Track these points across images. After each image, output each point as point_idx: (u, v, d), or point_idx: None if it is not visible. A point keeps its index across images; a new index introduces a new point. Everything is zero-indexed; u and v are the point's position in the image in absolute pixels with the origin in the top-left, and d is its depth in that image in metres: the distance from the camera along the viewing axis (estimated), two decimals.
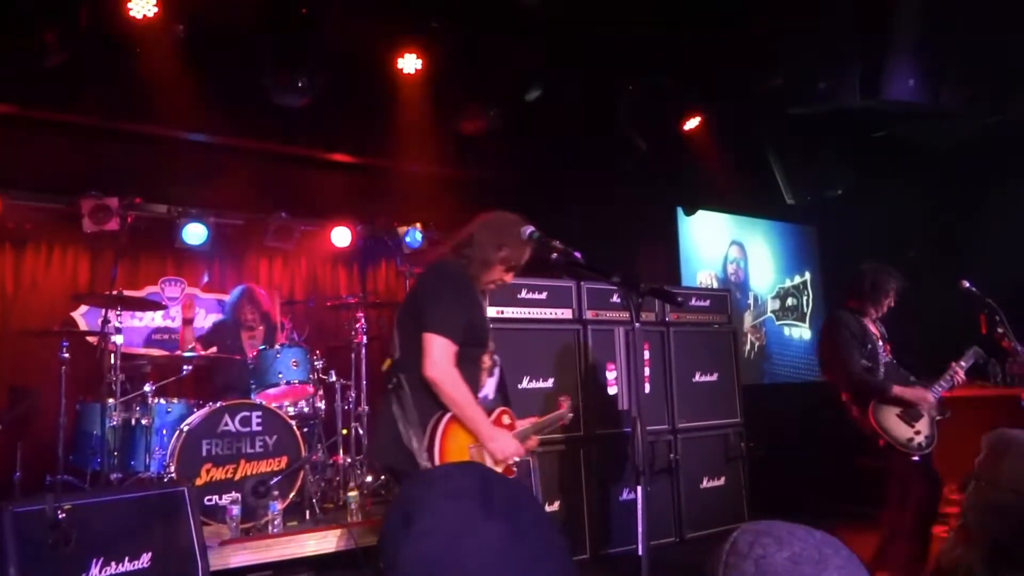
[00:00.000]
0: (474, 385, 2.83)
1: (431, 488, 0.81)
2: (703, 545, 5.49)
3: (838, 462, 6.92)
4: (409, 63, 5.88)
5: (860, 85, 5.03)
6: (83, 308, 6.01)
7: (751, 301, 8.24)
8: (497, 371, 3.02)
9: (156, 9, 4.88)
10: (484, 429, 2.74)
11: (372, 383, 5.60)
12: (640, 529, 2.21)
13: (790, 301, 8.59)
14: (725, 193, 7.60)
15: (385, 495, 5.10)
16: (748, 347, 8.01)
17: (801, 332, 8.64)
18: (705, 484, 5.95)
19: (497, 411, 2.95)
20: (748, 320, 8.14)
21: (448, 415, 2.71)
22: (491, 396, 3.00)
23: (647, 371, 4.91)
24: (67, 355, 4.59)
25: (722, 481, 6.04)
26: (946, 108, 5.46)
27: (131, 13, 4.84)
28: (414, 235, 7.08)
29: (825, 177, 6.97)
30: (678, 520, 5.72)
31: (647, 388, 2.56)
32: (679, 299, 2.44)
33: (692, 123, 6.88)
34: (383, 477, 4.99)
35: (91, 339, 5.35)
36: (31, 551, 3.00)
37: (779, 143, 6.95)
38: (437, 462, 2.61)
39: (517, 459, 2.86)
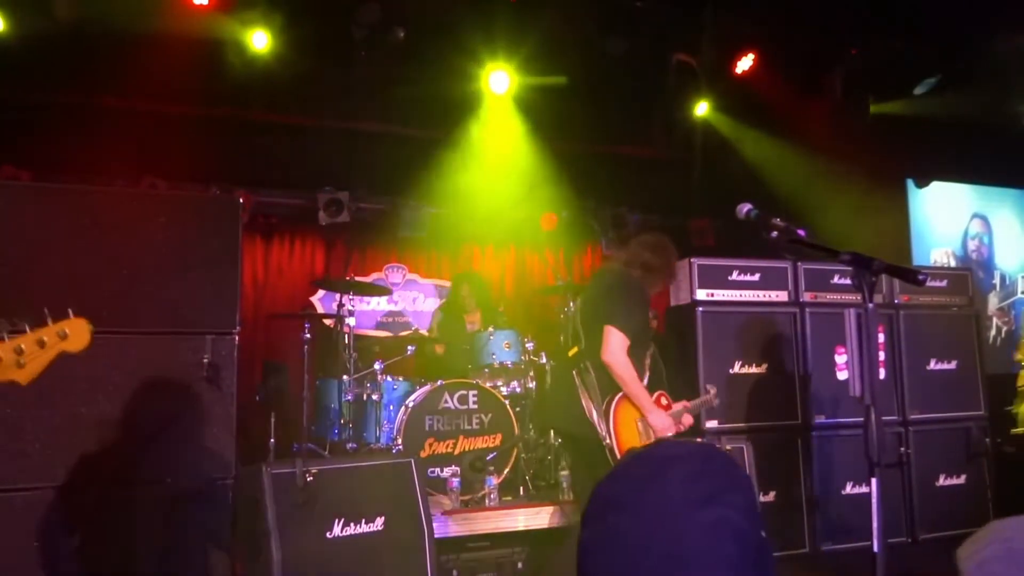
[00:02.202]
0: (639, 373, 3.48)
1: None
2: (939, 547, 5.02)
3: None
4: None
5: None
6: (320, 293, 6.62)
7: (997, 281, 7.38)
8: (648, 373, 3.63)
9: None
10: (647, 404, 3.44)
11: None
12: (875, 524, 2.07)
13: None
14: (966, 161, 6.83)
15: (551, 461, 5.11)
16: (993, 332, 7.19)
17: None
18: (942, 482, 5.43)
19: (656, 393, 3.60)
20: (993, 302, 7.30)
21: (621, 394, 3.40)
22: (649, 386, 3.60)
23: (881, 355, 4.57)
24: (308, 336, 5.07)
25: (962, 479, 5.49)
26: None
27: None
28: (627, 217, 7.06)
29: None
30: (910, 519, 5.27)
31: (882, 374, 2.46)
32: (920, 276, 2.23)
33: (923, 87, 6.25)
34: (543, 440, 5.13)
35: (328, 321, 5.89)
36: (285, 507, 3.36)
37: None
38: (612, 430, 3.32)
39: (671, 434, 3.50)
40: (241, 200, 3.99)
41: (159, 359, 3.41)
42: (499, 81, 6.19)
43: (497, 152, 6.66)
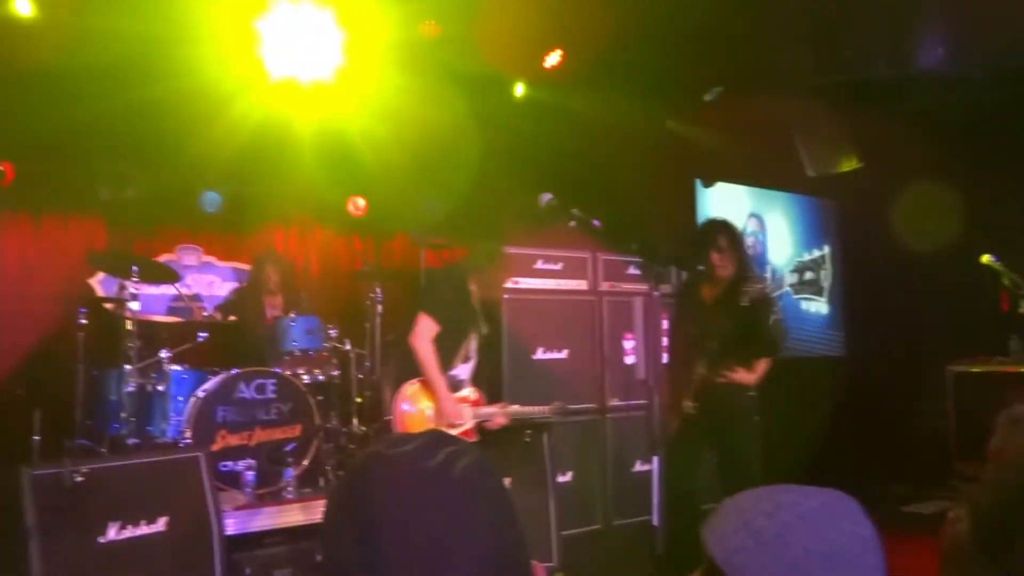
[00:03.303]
0: (445, 363, 3.61)
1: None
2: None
3: (853, 437, 6.90)
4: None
5: (888, 54, 4.91)
6: (100, 275, 6.02)
7: (769, 274, 8.16)
8: (472, 363, 3.80)
9: None
10: (441, 391, 3.57)
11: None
12: (655, 499, 2.19)
13: (808, 275, 8.47)
14: (745, 165, 7.49)
15: None
16: None
17: (818, 307, 8.55)
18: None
19: (467, 388, 3.74)
20: None
21: (418, 380, 3.58)
22: (461, 377, 3.75)
23: (665, 341, 4.90)
24: (84, 321, 4.60)
25: None
26: (973, 79, 5.34)
27: None
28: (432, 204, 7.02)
29: (846, 150, 6.85)
30: None
31: (665, 358, 2.70)
32: (700, 268, 2.40)
33: (711, 94, 6.76)
34: (346, 429, 5.18)
35: (107, 305, 5.38)
36: (50, 513, 3.03)
37: (802, 114, 6.83)
38: (397, 411, 3.54)
39: (460, 423, 3.63)
40: (1, 168, 3.53)
41: None
42: None
43: (307, 127, 6.39)
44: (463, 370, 3.75)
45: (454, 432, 3.56)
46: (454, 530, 0.77)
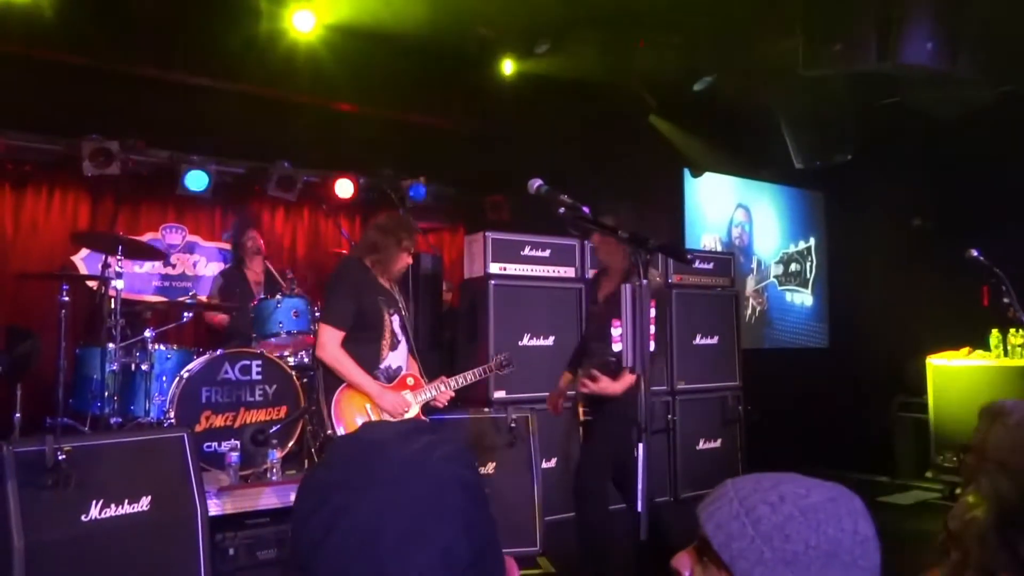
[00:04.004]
0: (372, 359, 3.49)
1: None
2: (697, 505, 5.53)
3: (835, 429, 6.98)
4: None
5: (877, 48, 4.92)
6: (83, 252, 5.97)
7: (754, 265, 8.21)
8: (403, 344, 3.63)
9: None
10: (373, 390, 3.44)
11: None
12: (640, 487, 2.21)
13: (793, 267, 8.56)
14: (732, 156, 7.51)
15: None
16: (749, 311, 8.01)
17: (803, 298, 8.62)
18: (701, 445, 5.99)
19: (401, 375, 3.62)
20: (751, 284, 8.11)
21: (343, 386, 3.44)
22: (395, 365, 3.61)
23: (652, 329, 4.91)
24: (67, 299, 4.56)
25: (718, 443, 6.09)
26: (962, 75, 5.36)
27: None
28: (418, 189, 7.01)
29: (834, 142, 6.88)
30: (673, 480, 5.77)
31: (652, 346, 2.56)
32: (689, 256, 2.41)
33: (701, 84, 6.77)
34: None
35: (91, 284, 5.33)
36: (31, 491, 3.01)
37: (789, 106, 6.85)
38: (335, 422, 3.40)
39: (406, 411, 3.52)
40: None
41: None
42: (304, 20, 5.72)
43: (293, 106, 6.32)
44: (395, 357, 3.60)
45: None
46: (427, 519, 0.76)
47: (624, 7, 5.64)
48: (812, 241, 8.78)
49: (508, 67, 6.48)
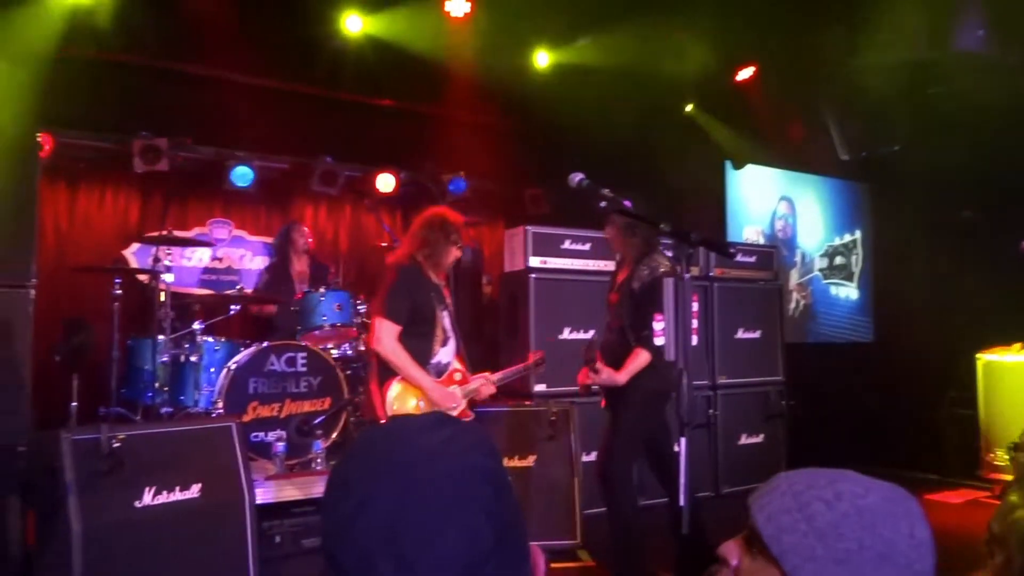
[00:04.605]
0: (425, 354, 3.57)
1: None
2: (739, 500, 5.49)
3: (880, 425, 6.86)
4: (457, 6, 5.78)
5: (926, 35, 4.81)
6: (134, 246, 6.13)
7: (798, 259, 8.09)
8: (452, 340, 3.71)
9: None
10: (425, 383, 3.52)
11: None
12: (683, 481, 2.21)
13: (838, 260, 8.42)
14: (776, 147, 7.41)
15: None
16: (793, 305, 7.90)
17: (848, 292, 8.47)
18: (743, 440, 5.94)
19: (450, 370, 3.70)
20: (794, 278, 8.00)
21: (399, 377, 3.51)
22: (445, 360, 3.68)
23: (695, 323, 4.88)
24: (119, 292, 4.69)
25: (760, 438, 6.03)
26: (1013, 62, 5.21)
27: None
28: (458, 183, 7.06)
29: (881, 132, 6.74)
30: (714, 475, 5.73)
31: (694, 340, 2.53)
32: (731, 250, 2.39)
33: (745, 74, 6.69)
34: None
35: (141, 277, 5.48)
36: (87, 477, 3.10)
37: (834, 96, 6.73)
38: (389, 414, 3.43)
39: (455, 405, 3.60)
40: (40, 139, 3.60)
41: None
42: (354, 24, 5.84)
43: (335, 102, 6.41)
44: (445, 353, 3.69)
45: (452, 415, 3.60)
46: (449, 508, 0.77)
47: None
48: (858, 234, 8.61)
49: (544, 59, 6.47)
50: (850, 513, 0.92)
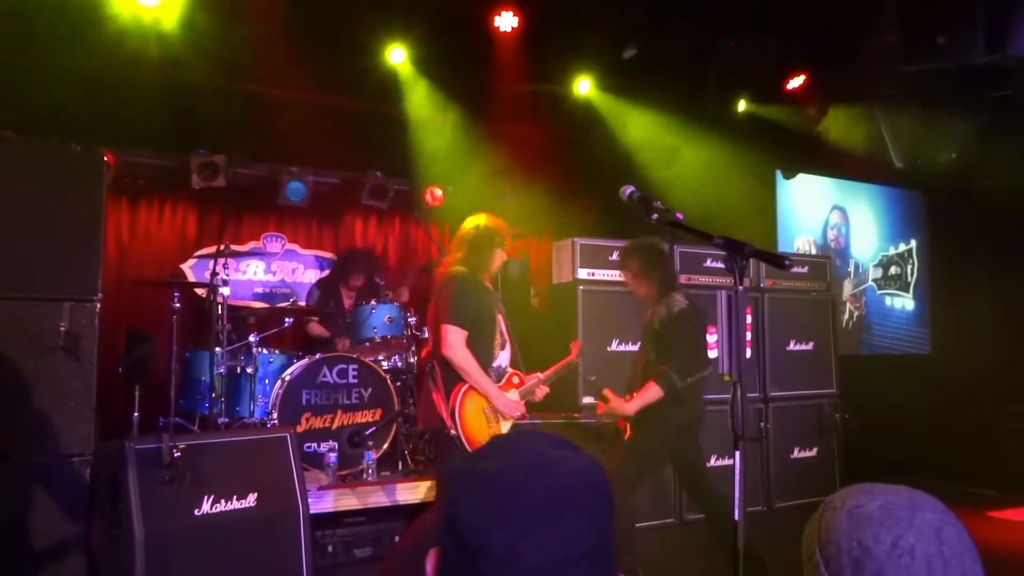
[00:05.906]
0: (487, 357, 3.61)
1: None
2: (791, 515, 5.39)
3: (938, 439, 6.67)
4: (506, 21, 5.84)
5: (985, 39, 4.69)
6: (192, 260, 6.30)
7: (851, 269, 7.94)
8: (508, 344, 3.76)
9: None
10: (491, 391, 3.56)
11: None
12: (737, 494, 2.19)
13: (893, 270, 8.23)
14: (828, 156, 7.29)
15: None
16: (846, 316, 7.75)
17: (904, 302, 8.28)
18: (796, 454, 5.83)
19: (508, 374, 3.74)
20: (847, 288, 7.85)
21: (466, 386, 3.52)
22: (503, 364, 3.73)
23: (748, 336, 4.83)
24: (178, 304, 4.83)
25: (814, 452, 5.91)
26: None
27: None
28: (504, 195, 7.09)
29: (938, 140, 6.59)
30: (767, 489, 5.64)
31: (748, 353, 2.55)
32: (786, 262, 2.37)
33: (796, 82, 6.61)
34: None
35: (199, 290, 5.62)
36: (149, 485, 3.20)
37: (889, 103, 6.60)
38: (458, 421, 3.46)
39: (518, 414, 3.65)
40: (105, 158, 3.74)
41: (9, 326, 3.16)
42: (397, 55, 6.02)
43: (384, 117, 6.51)
44: (504, 357, 3.75)
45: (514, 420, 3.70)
46: (563, 505, 0.84)
47: (714, 3, 5.58)
48: (913, 243, 8.41)
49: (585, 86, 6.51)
50: (841, 520, 0.98)
